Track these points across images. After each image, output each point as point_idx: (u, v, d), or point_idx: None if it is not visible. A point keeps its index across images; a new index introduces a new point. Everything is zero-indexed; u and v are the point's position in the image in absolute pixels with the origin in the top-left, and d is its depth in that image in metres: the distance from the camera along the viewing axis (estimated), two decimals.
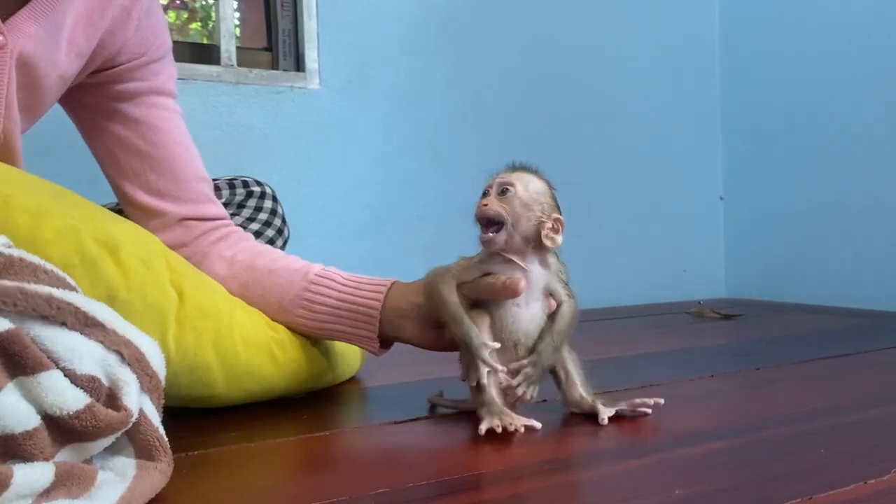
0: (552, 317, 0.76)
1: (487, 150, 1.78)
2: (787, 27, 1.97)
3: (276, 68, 1.64)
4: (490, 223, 0.73)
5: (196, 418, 0.84)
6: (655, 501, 0.54)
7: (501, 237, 0.72)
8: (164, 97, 0.94)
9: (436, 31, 1.77)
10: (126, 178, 0.92)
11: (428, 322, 0.82)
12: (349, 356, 1.02)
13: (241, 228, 0.99)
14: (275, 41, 1.65)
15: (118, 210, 1.04)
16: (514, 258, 0.74)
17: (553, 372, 0.79)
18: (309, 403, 0.91)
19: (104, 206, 0.96)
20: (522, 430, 0.70)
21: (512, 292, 0.73)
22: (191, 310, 0.78)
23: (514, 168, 0.76)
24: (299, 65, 1.64)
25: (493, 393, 0.73)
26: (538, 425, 0.72)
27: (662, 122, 2.07)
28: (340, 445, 0.74)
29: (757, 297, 2.05)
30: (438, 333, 0.80)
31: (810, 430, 0.73)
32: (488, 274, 0.75)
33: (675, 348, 1.28)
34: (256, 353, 0.84)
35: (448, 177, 1.71)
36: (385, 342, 0.87)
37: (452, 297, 0.74)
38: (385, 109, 1.71)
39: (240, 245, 0.94)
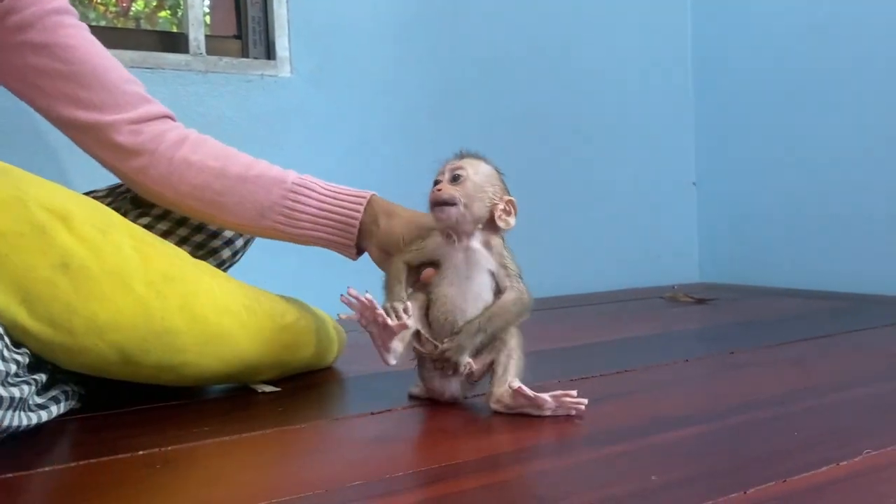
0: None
1: (463, 138, 1.75)
2: (758, 14, 1.98)
3: (247, 56, 1.61)
4: (444, 205, 0.75)
5: (169, 413, 0.83)
6: (632, 488, 0.54)
7: (454, 211, 0.75)
8: (64, 15, 0.93)
9: (409, 17, 1.75)
10: (59, 104, 0.92)
11: (388, 247, 0.89)
12: (323, 335, 1.02)
13: (194, 130, 0.98)
14: (244, 29, 1.62)
15: (116, 194, 1.03)
16: (457, 237, 0.76)
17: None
18: (285, 396, 0.90)
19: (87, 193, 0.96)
20: (402, 318, 0.73)
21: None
22: (154, 275, 0.77)
23: (463, 155, 0.80)
24: (270, 53, 1.62)
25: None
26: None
27: (635, 108, 2.08)
28: (317, 437, 0.73)
29: (730, 281, 2.06)
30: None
31: (784, 414, 0.74)
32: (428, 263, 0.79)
33: (649, 333, 1.29)
34: (226, 317, 0.83)
35: (424, 166, 1.69)
36: (360, 250, 0.94)
37: (390, 271, 0.79)
38: (358, 98, 1.69)
39: (204, 149, 0.94)
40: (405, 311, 0.74)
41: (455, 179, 0.76)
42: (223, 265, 1.07)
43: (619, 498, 0.52)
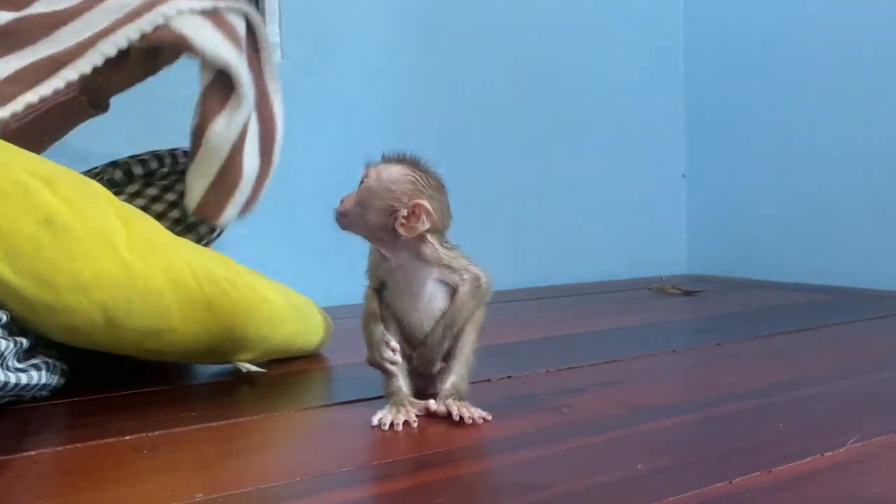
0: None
1: (454, 126, 1.77)
2: (749, 9, 1.98)
3: None
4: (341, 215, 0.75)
5: (155, 397, 0.83)
6: (618, 476, 0.54)
7: (344, 221, 0.74)
8: None
9: (402, 4, 1.74)
10: None
11: None
12: (308, 316, 1.02)
13: None
14: None
15: (92, 174, 1.01)
16: (388, 254, 0.73)
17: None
18: (273, 382, 0.90)
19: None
20: (415, 422, 0.70)
21: None
22: (137, 241, 0.77)
23: (385, 159, 0.77)
24: None
25: (400, 382, 0.73)
26: (441, 410, 0.71)
27: (626, 99, 2.08)
28: (306, 424, 0.74)
29: (718, 273, 2.07)
30: None
31: (769, 405, 0.75)
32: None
33: (637, 324, 1.30)
34: (209, 285, 0.82)
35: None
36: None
37: (367, 306, 0.75)
38: (350, 85, 1.68)
39: None
40: (394, 351, 0.73)
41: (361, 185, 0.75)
42: (202, 240, 1.06)
43: (605, 486, 0.53)
